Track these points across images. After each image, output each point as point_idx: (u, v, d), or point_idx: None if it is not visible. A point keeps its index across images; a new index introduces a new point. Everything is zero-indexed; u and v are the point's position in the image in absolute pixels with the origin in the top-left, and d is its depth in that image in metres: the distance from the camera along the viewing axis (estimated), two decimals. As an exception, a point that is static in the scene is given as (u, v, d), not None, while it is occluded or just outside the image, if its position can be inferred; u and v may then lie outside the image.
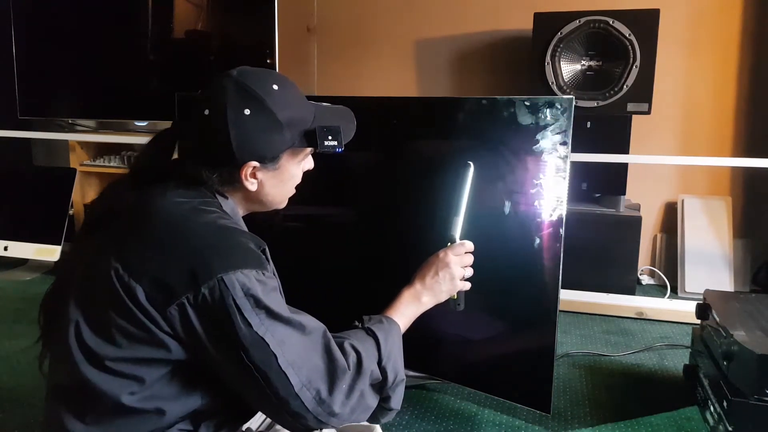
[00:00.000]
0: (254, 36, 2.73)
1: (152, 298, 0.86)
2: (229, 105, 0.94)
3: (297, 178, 1.07)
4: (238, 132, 0.94)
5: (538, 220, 1.41)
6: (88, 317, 0.90)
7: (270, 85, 0.97)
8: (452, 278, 1.20)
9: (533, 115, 1.41)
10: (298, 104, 1.02)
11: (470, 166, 1.32)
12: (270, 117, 0.96)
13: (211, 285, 0.85)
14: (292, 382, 0.88)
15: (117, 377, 0.89)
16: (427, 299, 1.17)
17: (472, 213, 1.37)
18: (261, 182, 1.00)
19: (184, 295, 0.85)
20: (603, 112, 2.51)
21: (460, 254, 1.22)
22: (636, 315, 2.44)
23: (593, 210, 2.68)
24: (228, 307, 0.85)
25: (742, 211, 2.92)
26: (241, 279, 0.86)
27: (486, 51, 3.15)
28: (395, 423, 1.57)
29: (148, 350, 0.88)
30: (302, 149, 1.03)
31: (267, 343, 0.86)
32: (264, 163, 0.98)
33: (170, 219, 0.92)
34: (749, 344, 1.33)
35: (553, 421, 1.59)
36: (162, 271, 0.86)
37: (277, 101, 0.97)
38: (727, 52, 2.84)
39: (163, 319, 0.86)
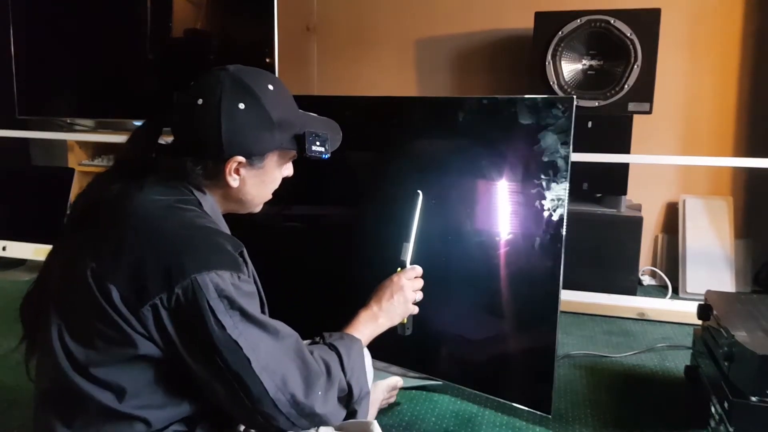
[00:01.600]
0: (254, 36, 2.72)
1: (126, 298, 0.85)
2: (224, 97, 0.94)
3: (277, 182, 1.07)
4: (230, 125, 0.93)
5: (539, 219, 1.41)
6: (68, 322, 0.90)
7: (266, 84, 0.98)
8: (406, 301, 1.22)
9: (534, 115, 1.41)
10: (290, 108, 1.04)
11: (419, 195, 1.35)
12: (263, 114, 0.96)
13: (184, 285, 0.84)
14: (266, 386, 0.87)
15: (102, 384, 0.88)
16: (384, 321, 1.19)
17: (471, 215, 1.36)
18: (243, 179, 1.00)
19: (157, 296, 0.84)
20: (604, 112, 2.51)
21: (411, 278, 1.25)
22: (637, 316, 2.43)
23: (594, 210, 2.67)
24: (201, 309, 0.84)
25: (744, 212, 2.91)
26: (215, 280, 0.86)
27: (486, 50, 3.14)
28: (395, 423, 1.57)
29: (125, 353, 0.87)
30: (288, 153, 1.04)
31: (240, 347, 0.86)
32: (250, 160, 0.98)
33: (146, 217, 0.91)
34: (750, 345, 1.32)
35: (554, 422, 1.58)
36: (136, 271, 0.86)
37: (271, 101, 0.97)
38: (729, 52, 2.83)
39: (136, 320, 0.85)
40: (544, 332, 1.43)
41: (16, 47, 3.03)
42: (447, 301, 1.57)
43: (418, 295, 1.26)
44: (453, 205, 1.51)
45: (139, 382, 0.89)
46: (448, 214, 1.52)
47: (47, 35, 3.04)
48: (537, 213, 1.40)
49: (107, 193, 0.97)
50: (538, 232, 1.41)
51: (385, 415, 1.61)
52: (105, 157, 3.11)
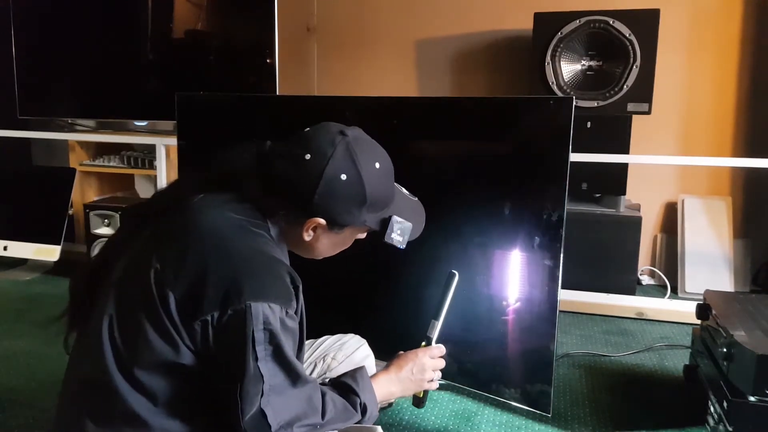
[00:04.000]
0: (254, 36, 2.73)
1: (181, 308, 0.88)
2: (331, 162, 0.96)
3: (346, 246, 1.10)
4: (326, 190, 0.96)
5: (538, 219, 1.41)
6: (122, 316, 0.92)
7: (374, 162, 1.01)
8: (422, 381, 1.24)
9: (533, 115, 1.41)
10: (387, 187, 1.06)
11: (455, 276, 1.34)
12: (360, 192, 0.99)
13: (238, 309, 0.87)
14: (270, 422, 0.89)
15: (139, 387, 0.89)
16: (396, 390, 1.22)
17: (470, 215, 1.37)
18: (317, 237, 1.03)
19: (210, 313, 0.87)
20: (603, 112, 2.51)
21: (435, 357, 1.26)
22: (636, 315, 2.43)
23: (593, 210, 2.68)
24: (245, 336, 0.87)
25: (743, 212, 2.91)
26: (266, 311, 0.88)
27: (486, 51, 3.14)
28: (395, 423, 1.57)
29: (166, 359, 0.89)
30: (365, 229, 1.07)
31: (263, 381, 0.88)
32: (330, 226, 1.01)
33: (217, 233, 0.93)
34: (749, 344, 1.32)
35: (553, 421, 1.59)
36: (197, 284, 0.88)
37: (373, 179, 1.00)
38: (727, 52, 2.83)
39: (186, 332, 0.88)
40: (544, 332, 1.43)
41: (17, 48, 3.04)
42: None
43: (437, 374, 1.28)
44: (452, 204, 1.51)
45: (171, 391, 0.91)
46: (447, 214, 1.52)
47: (48, 36, 3.04)
48: (536, 213, 1.41)
49: (189, 198, 0.99)
50: (537, 232, 1.42)
51: (385, 414, 1.61)
52: (106, 157, 3.12)
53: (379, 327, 1.44)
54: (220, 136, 1.90)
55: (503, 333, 1.52)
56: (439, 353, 1.28)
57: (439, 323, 1.31)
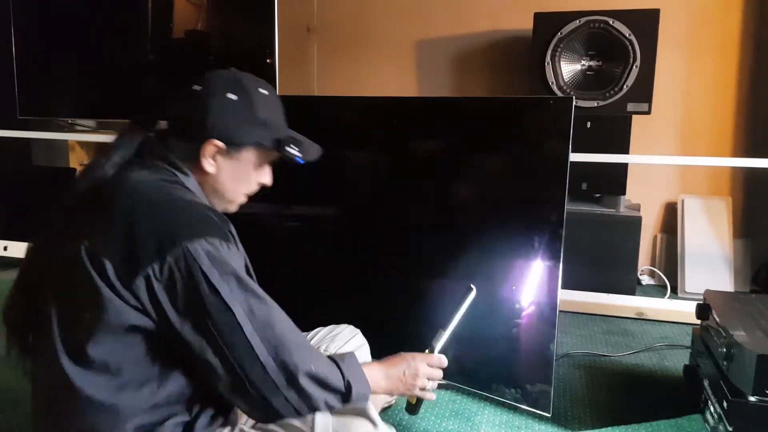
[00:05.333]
0: (254, 36, 2.73)
1: (120, 272, 0.87)
2: (219, 86, 1.02)
3: (251, 182, 1.10)
4: (217, 109, 1.01)
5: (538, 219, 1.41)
6: (66, 309, 0.91)
7: (259, 88, 1.05)
8: (413, 386, 1.21)
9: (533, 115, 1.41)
10: (278, 114, 1.09)
11: (472, 291, 1.31)
12: (250, 109, 1.03)
13: (176, 254, 0.86)
14: (258, 352, 0.89)
15: (97, 367, 0.89)
16: (383, 384, 1.18)
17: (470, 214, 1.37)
18: (219, 167, 1.04)
19: (149, 266, 0.86)
20: (603, 112, 2.51)
21: (433, 366, 1.24)
22: (636, 315, 2.43)
23: (593, 210, 2.68)
24: (194, 276, 0.86)
25: (743, 211, 2.92)
26: (206, 247, 0.88)
27: (486, 51, 3.14)
28: (395, 423, 1.57)
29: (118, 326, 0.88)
30: (264, 154, 1.08)
31: (234, 313, 0.88)
32: (227, 149, 1.02)
33: (135, 193, 0.94)
34: (749, 344, 1.33)
35: (553, 421, 1.59)
36: (128, 243, 0.87)
37: (261, 102, 1.04)
38: (727, 52, 2.84)
39: (130, 293, 0.87)
40: (544, 332, 1.43)
41: (17, 48, 3.04)
42: (447, 302, 1.57)
43: (431, 384, 1.25)
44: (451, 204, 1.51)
45: (134, 354, 0.90)
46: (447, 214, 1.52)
47: (48, 36, 3.04)
48: (536, 213, 1.41)
49: (97, 179, 1.00)
50: (537, 231, 1.42)
51: (385, 414, 1.61)
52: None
53: (378, 326, 1.43)
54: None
55: (503, 333, 1.52)
56: (438, 363, 1.25)
57: (445, 334, 1.29)
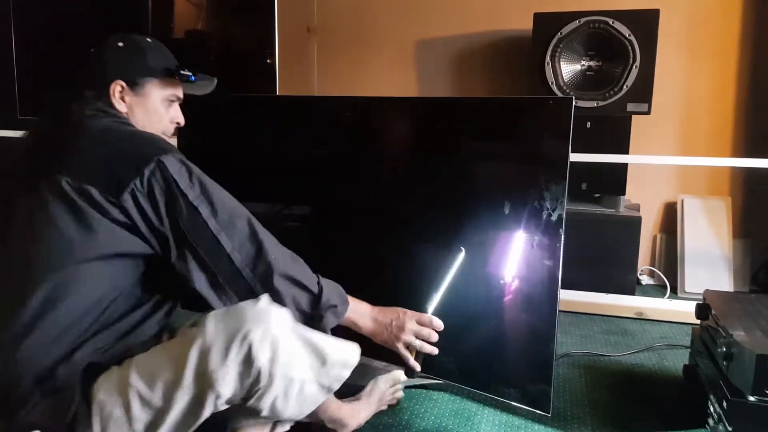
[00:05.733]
0: (254, 36, 2.73)
1: (107, 194, 1.00)
2: (109, 41, 1.21)
3: (162, 117, 1.25)
4: (111, 56, 1.19)
5: (538, 219, 1.41)
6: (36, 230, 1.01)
7: (144, 38, 1.23)
8: (396, 338, 1.27)
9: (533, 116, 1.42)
10: (166, 53, 1.25)
11: (461, 252, 1.37)
12: (138, 48, 1.21)
13: (151, 167, 1.02)
14: (224, 245, 1.04)
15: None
16: (370, 327, 1.26)
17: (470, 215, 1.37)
18: (129, 106, 1.19)
19: (132, 182, 1.01)
20: (603, 112, 2.51)
21: (423, 324, 1.28)
22: (636, 315, 2.43)
23: (593, 210, 2.68)
24: (168, 181, 1.03)
25: (742, 211, 2.92)
26: (173, 159, 1.05)
27: (486, 51, 3.14)
28: (395, 423, 1.57)
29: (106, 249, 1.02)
30: (164, 86, 1.23)
31: (200, 212, 1.03)
32: (130, 87, 1.19)
33: (98, 132, 1.09)
34: (749, 344, 1.33)
35: (553, 421, 1.59)
36: (109, 168, 1.02)
37: (147, 44, 1.22)
38: (727, 52, 2.84)
39: (119, 210, 1.00)
40: (543, 331, 1.43)
41: (17, 48, 3.04)
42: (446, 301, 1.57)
43: (417, 342, 1.28)
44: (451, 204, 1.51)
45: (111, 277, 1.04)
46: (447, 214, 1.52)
47: (48, 36, 3.04)
48: (536, 213, 1.41)
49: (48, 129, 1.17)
50: (537, 232, 1.42)
51: (384, 414, 1.61)
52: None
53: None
54: (220, 136, 1.90)
55: (503, 333, 1.52)
56: (429, 324, 1.28)
57: (437, 296, 1.33)
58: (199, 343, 0.97)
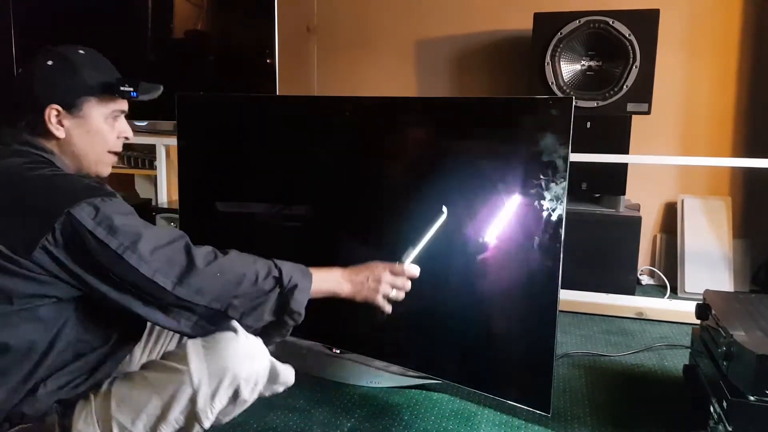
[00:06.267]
0: (254, 36, 2.73)
1: (16, 250, 0.95)
2: (36, 61, 1.09)
3: (105, 135, 1.15)
4: (40, 77, 1.08)
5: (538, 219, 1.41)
6: None
7: (76, 50, 1.12)
8: (375, 291, 1.26)
9: (533, 116, 1.41)
10: (102, 65, 1.15)
11: (444, 213, 1.37)
12: (70, 65, 1.09)
13: (62, 221, 0.95)
14: (163, 285, 0.99)
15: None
16: (347, 289, 1.25)
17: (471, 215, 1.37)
18: (68, 131, 1.10)
19: (42, 237, 0.94)
20: (603, 112, 2.51)
21: (397, 274, 1.28)
22: (636, 315, 2.43)
23: (593, 210, 2.68)
24: (83, 237, 0.96)
25: (742, 211, 2.92)
26: (87, 208, 0.97)
27: (486, 51, 3.14)
28: (395, 423, 1.57)
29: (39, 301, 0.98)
30: (105, 103, 1.13)
31: (126, 260, 0.98)
32: (67, 110, 1.09)
33: (8, 181, 1.01)
34: (749, 344, 1.32)
35: (553, 421, 1.59)
36: (14, 223, 0.96)
37: (79, 59, 1.11)
38: (727, 52, 2.84)
39: (33, 263, 0.95)
40: (543, 331, 1.43)
41: (17, 48, 3.04)
42: (446, 301, 1.57)
43: (393, 292, 1.29)
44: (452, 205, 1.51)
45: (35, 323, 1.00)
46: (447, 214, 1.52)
47: (48, 35, 3.04)
48: (536, 213, 1.41)
49: None
50: (537, 232, 1.42)
51: (384, 414, 1.61)
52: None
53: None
54: (220, 136, 1.90)
55: (503, 333, 1.52)
56: (403, 273, 1.29)
57: (415, 251, 1.33)
58: (186, 383, 1.01)
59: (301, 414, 1.60)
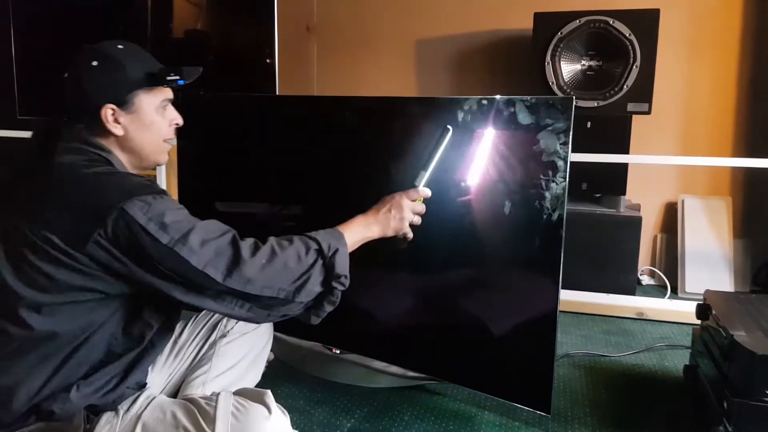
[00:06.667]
0: (254, 36, 2.72)
1: (69, 243, 0.98)
2: (80, 62, 1.11)
3: (161, 126, 1.19)
4: (88, 79, 1.10)
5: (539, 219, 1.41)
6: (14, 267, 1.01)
7: (115, 46, 1.14)
8: (402, 219, 1.30)
9: (533, 115, 1.41)
10: (143, 57, 1.17)
11: (449, 131, 1.41)
12: (114, 63, 1.11)
13: (115, 216, 0.98)
14: (213, 276, 1.02)
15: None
16: (377, 229, 1.28)
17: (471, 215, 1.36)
18: (125, 127, 1.13)
19: (95, 232, 0.98)
20: (603, 112, 2.51)
21: (415, 199, 1.34)
22: (636, 315, 2.43)
23: (593, 210, 2.68)
24: (135, 232, 0.99)
25: (743, 212, 2.91)
26: (139, 204, 1.00)
27: (486, 51, 3.14)
28: (394, 423, 1.57)
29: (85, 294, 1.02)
30: (156, 93, 1.17)
31: (178, 253, 1.00)
32: (121, 107, 1.12)
33: (65, 178, 1.05)
34: (749, 344, 1.32)
35: (553, 421, 1.59)
36: (71, 217, 0.99)
37: (121, 54, 1.13)
38: (727, 52, 2.84)
39: (87, 257, 0.99)
40: (544, 332, 1.43)
41: (17, 48, 3.04)
42: (447, 302, 1.57)
43: (416, 218, 1.33)
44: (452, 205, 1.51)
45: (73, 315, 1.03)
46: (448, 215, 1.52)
47: (48, 36, 3.04)
48: (536, 213, 1.41)
49: (25, 166, 1.12)
50: (537, 232, 1.42)
51: (384, 415, 1.61)
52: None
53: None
54: (220, 136, 1.90)
55: (503, 333, 1.52)
56: (418, 196, 1.33)
57: (426, 173, 1.37)
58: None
59: (301, 414, 1.60)
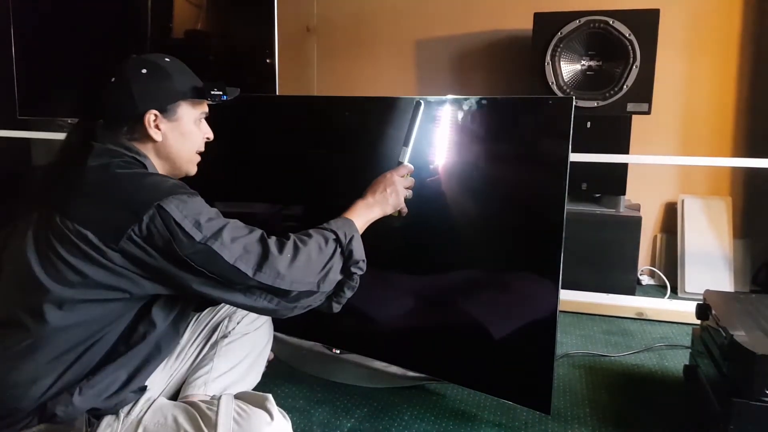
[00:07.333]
0: (254, 36, 2.72)
1: (103, 238, 1.01)
2: (129, 69, 1.17)
3: (196, 137, 1.24)
4: (137, 85, 1.15)
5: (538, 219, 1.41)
6: (41, 258, 1.02)
7: (163, 58, 1.21)
8: (398, 194, 1.37)
9: (533, 115, 1.41)
10: (188, 73, 1.23)
11: (421, 104, 1.47)
12: (163, 73, 1.17)
13: (151, 214, 1.01)
14: (244, 270, 1.06)
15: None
16: (378, 209, 1.34)
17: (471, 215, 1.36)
18: (164, 134, 1.18)
19: (129, 228, 1.01)
20: (603, 112, 2.51)
21: (404, 174, 1.41)
22: (636, 315, 2.43)
23: (593, 210, 2.68)
24: (170, 228, 1.02)
25: (743, 211, 2.91)
26: (175, 202, 1.03)
27: (486, 51, 3.14)
28: (394, 423, 1.57)
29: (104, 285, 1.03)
30: (195, 106, 1.23)
31: (211, 248, 1.04)
32: (163, 114, 1.17)
33: (101, 176, 1.08)
34: (749, 344, 1.32)
35: (553, 421, 1.59)
36: (105, 215, 1.02)
37: (169, 66, 1.20)
38: (727, 52, 2.83)
39: (119, 253, 1.01)
40: (544, 332, 1.43)
41: (17, 47, 3.04)
42: (447, 302, 1.57)
43: (408, 192, 1.41)
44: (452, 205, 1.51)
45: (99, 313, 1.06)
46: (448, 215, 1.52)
47: (48, 35, 3.04)
48: (536, 213, 1.41)
49: (56, 169, 1.14)
50: (537, 232, 1.42)
51: (384, 415, 1.61)
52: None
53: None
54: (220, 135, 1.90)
55: (503, 333, 1.52)
56: (406, 171, 1.41)
57: (408, 149, 1.45)
58: None
59: (301, 414, 1.60)
